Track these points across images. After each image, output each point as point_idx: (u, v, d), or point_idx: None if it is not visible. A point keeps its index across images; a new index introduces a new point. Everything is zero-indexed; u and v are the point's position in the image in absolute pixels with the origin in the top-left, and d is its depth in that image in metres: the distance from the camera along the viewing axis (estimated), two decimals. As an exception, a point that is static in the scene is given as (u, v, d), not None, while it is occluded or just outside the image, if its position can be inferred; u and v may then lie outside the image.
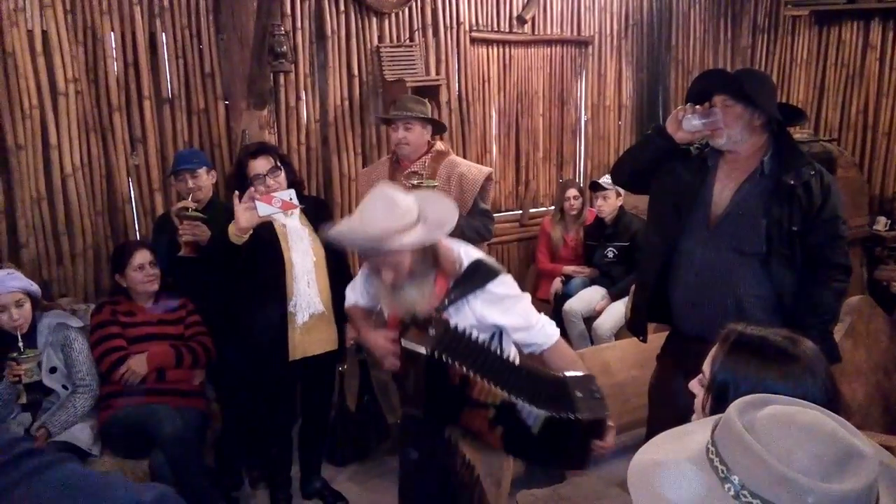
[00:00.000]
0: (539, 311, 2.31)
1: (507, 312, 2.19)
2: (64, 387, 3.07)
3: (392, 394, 2.69)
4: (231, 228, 2.93)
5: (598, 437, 2.03)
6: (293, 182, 3.19)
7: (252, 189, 3.05)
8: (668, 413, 2.44)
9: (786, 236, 2.47)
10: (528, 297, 2.28)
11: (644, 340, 2.96)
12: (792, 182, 2.46)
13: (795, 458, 0.89)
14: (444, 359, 1.97)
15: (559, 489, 2.87)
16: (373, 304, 2.46)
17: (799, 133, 5.07)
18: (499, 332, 2.21)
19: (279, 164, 3.16)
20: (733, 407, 0.98)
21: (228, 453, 3.53)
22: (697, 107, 2.59)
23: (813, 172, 2.48)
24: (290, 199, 2.98)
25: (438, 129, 3.66)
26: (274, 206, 2.93)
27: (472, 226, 3.35)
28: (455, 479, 2.25)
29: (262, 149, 3.22)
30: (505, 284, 2.21)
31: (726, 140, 2.53)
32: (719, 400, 1.34)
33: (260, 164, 3.12)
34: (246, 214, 2.89)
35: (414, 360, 2.03)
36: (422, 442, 2.35)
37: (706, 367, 1.42)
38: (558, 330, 2.29)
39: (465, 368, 1.97)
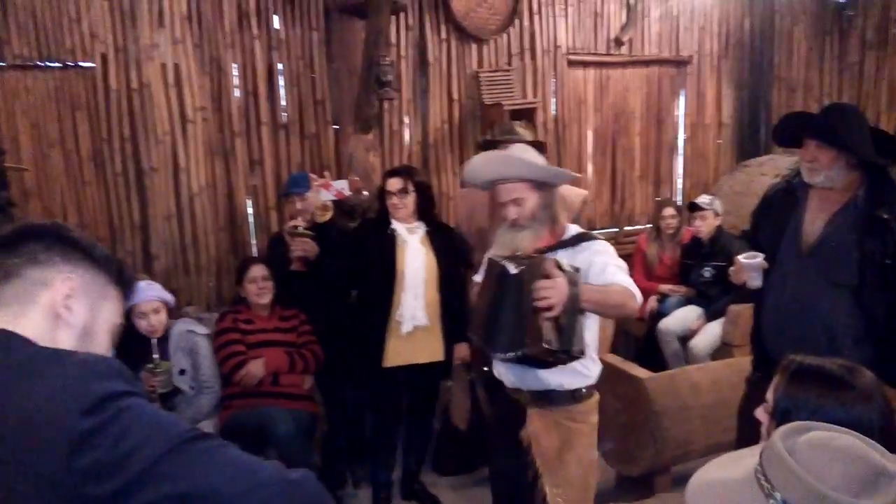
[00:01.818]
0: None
1: (597, 260, 2.31)
2: (190, 387, 3.40)
3: None
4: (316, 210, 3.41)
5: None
6: (425, 207, 3.48)
7: (314, 177, 3.56)
8: (755, 436, 2.50)
9: (878, 268, 2.47)
10: (621, 261, 2.39)
11: None
12: (886, 216, 2.46)
13: (829, 477, 1.01)
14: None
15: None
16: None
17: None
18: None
19: (410, 187, 3.41)
20: (778, 433, 1.10)
21: (333, 453, 3.78)
22: (756, 262, 2.65)
23: None
24: (342, 189, 3.56)
25: (539, 150, 3.79)
26: (330, 192, 3.47)
27: None
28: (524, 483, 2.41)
29: (399, 171, 3.55)
30: (604, 247, 2.40)
31: (823, 179, 2.55)
32: (782, 425, 1.44)
33: (393, 183, 3.42)
34: (317, 196, 3.43)
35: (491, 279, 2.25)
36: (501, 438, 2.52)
37: (769, 394, 1.52)
38: (633, 285, 2.31)
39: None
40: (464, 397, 3.85)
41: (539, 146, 3.78)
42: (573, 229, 2.46)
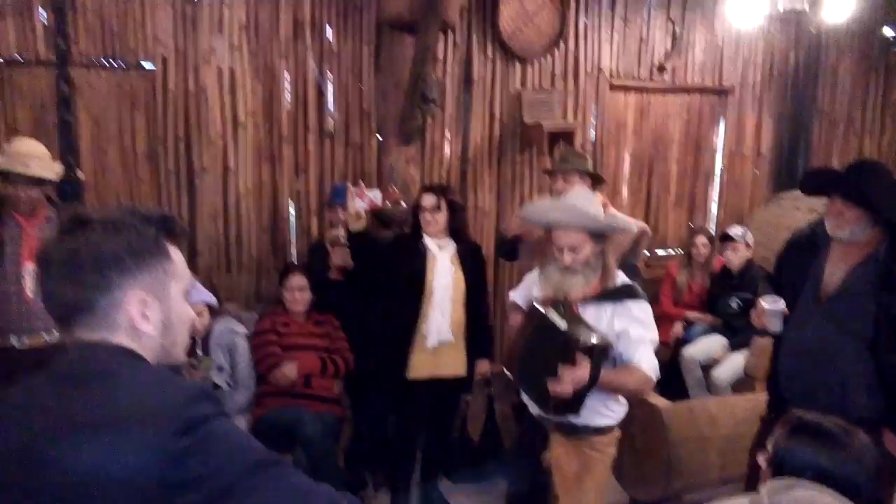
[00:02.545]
0: (658, 354, 2.58)
1: (632, 328, 2.48)
2: (227, 383, 3.57)
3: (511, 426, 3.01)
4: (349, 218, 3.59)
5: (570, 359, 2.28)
6: (456, 225, 3.61)
7: (350, 185, 3.74)
8: (763, 474, 2.59)
9: (893, 322, 2.53)
10: (654, 331, 2.56)
11: None
12: None
13: None
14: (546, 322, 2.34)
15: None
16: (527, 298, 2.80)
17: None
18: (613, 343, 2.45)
19: (443, 204, 3.55)
20: (766, 487, 1.21)
21: (356, 456, 3.93)
22: (777, 308, 2.74)
23: None
24: (375, 198, 3.69)
25: (596, 181, 3.87)
26: (364, 201, 3.61)
27: None
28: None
29: (434, 188, 3.70)
30: (644, 310, 2.54)
31: (848, 234, 2.61)
32: (777, 474, 1.55)
33: (427, 199, 3.57)
34: (352, 204, 3.59)
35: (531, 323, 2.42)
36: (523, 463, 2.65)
37: (769, 443, 1.62)
38: (655, 367, 2.49)
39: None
40: (481, 411, 3.99)
41: (597, 179, 3.86)
42: (620, 278, 2.58)
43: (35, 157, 3.18)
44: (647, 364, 2.47)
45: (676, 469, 3.54)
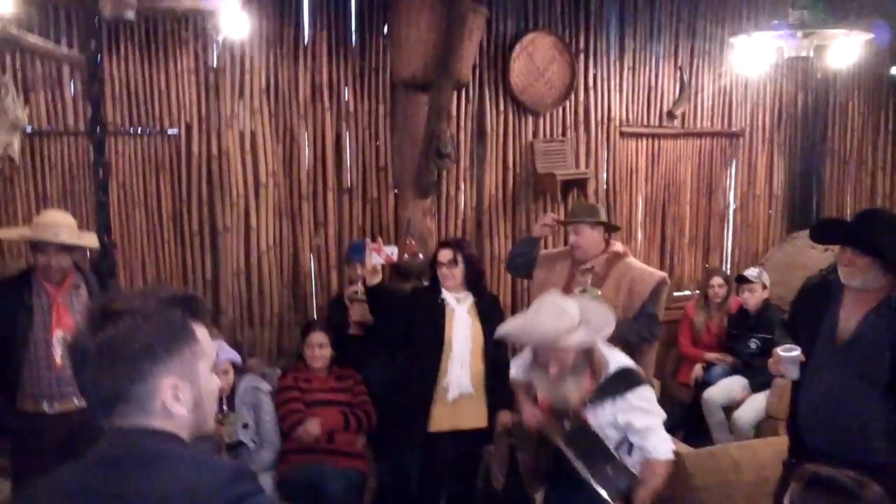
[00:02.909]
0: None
1: (636, 419, 2.51)
2: (252, 441, 3.64)
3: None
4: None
5: None
6: (473, 278, 3.67)
7: (368, 241, 3.85)
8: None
9: None
10: (661, 414, 2.63)
11: None
12: None
13: None
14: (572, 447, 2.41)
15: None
16: (527, 378, 2.86)
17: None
18: (625, 439, 2.51)
19: (458, 259, 3.63)
20: None
21: (381, 509, 3.97)
22: (793, 355, 2.81)
23: None
24: (392, 254, 3.83)
25: (610, 228, 3.87)
26: (381, 257, 3.69)
27: (635, 329, 3.53)
28: None
29: (450, 243, 3.80)
30: (643, 397, 2.59)
31: (860, 282, 2.67)
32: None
33: (444, 254, 3.65)
34: (369, 259, 3.67)
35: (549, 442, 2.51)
36: None
37: (787, 497, 1.67)
38: (671, 450, 2.57)
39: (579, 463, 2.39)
40: (503, 461, 4.00)
41: (611, 227, 3.90)
42: (613, 361, 2.64)
43: (64, 226, 3.31)
44: (663, 450, 2.59)
45: (701, 516, 3.54)
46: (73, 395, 3.31)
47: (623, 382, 2.58)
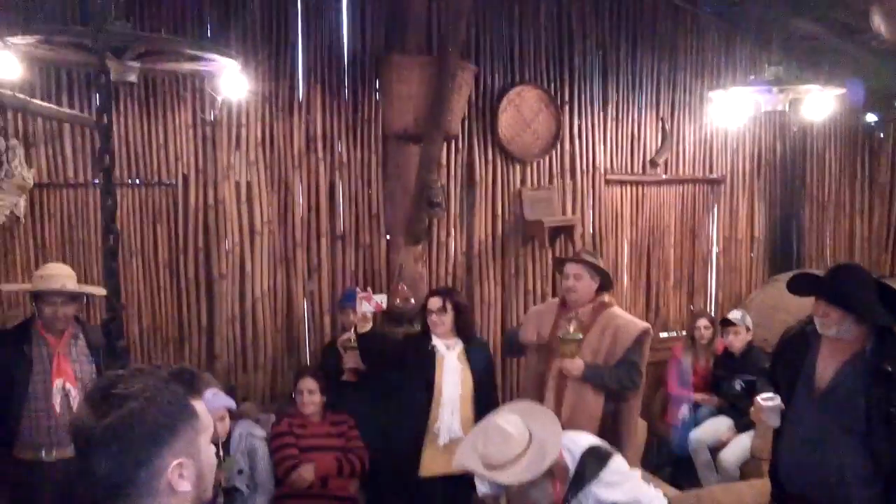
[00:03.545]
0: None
1: (619, 492, 2.61)
2: (247, 486, 3.70)
3: None
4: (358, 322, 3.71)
5: None
6: (462, 325, 3.77)
7: (359, 289, 3.87)
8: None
9: (884, 416, 2.68)
10: (636, 473, 2.71)
11: None
12: (890, 369, 2.68)
13: None
14: None
15: None
16: (498, 495, 2.90)
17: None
18: None
19: (448, 306, 3.73)
20: None
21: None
22: (773, 404, 2.96)
23: None
24: (381, 302, 3.77)
25: (606, 283, 3.87)
26: (371, 305, 3.72)
27: (615, 376, 3.61)
28: None
29: (440, 291, 3.91)
30: (615, 470, 2.64)
31: (835, 332, 2.78)
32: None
33: (433, 302, 3.77)
34: (359, 307, 3.69)
35: None
36: None
37: None
38: (663, 498, 2.65)
39: None
40: None
41: (606, 276, 3.96)
42: (574, 452, 2.67)
43: (68, 277, 3.42)
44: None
45: (688, 559, 3.61)
46: (71, 443, 3.38)
47: (591, 469, 2.62)
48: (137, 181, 4.45)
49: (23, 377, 3.33)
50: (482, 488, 2.98)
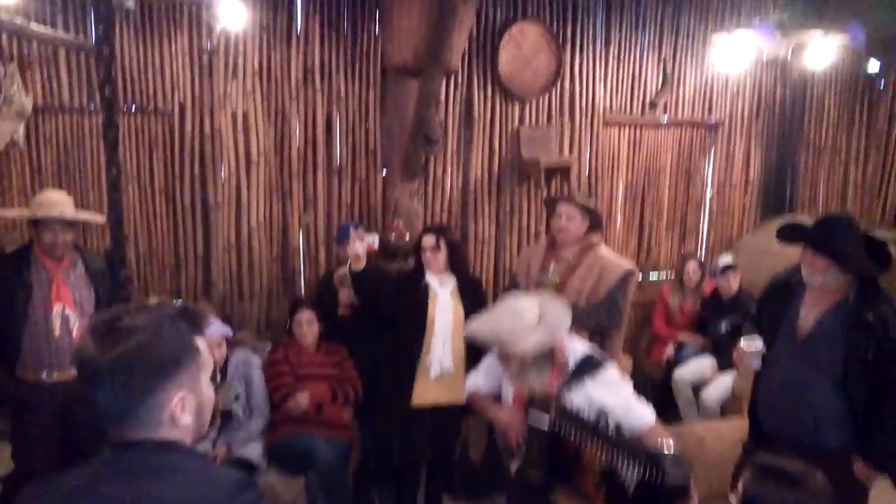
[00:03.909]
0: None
1: (610, 394, 2.70)
2: (243, 411, 3.82)
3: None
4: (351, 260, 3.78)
5: (683, 498, 2.45)
6: (455, 262, 3.81)
7: (353, 227, 3.90)
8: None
9: (861, 363, 2.78)
10: (629, 384, 2.80)
11: None
12: (871, 319, 2.76)
13: None
14: (563, 429, 2.56)
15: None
16: (493, 388, 3.00)
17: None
18: (604, 414, 2.68)
19: (441, 244, 3.77)
20: None
21: (364, 477, 4.17)
22: (754, 349, 3.02)
23: (892, 310, 2.77)
24: (373, 242, 3.86)
25: (595, 224, 3.91)
26: (363, 244, 3.78)
27: (593, 316, 3.67)
28: None
29: (433, 228, 3.92)
30: (607, 378, 2.74)
31: (820, 282, 2.86)
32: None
33: (427, 240, 3.80)
34: (352, 247, 3.72)
35: (537, 435, 2.65)
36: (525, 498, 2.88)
37: (740, 484, 1.87)
38: (654, 413, 2.74)
39: (579, 435, 2.54)
40: (481, 434, 4.22)
41: (597, 218, 4.01)
42: (575, 352, 2.79)
43: (66, 204, 3.44)
44: (648, 416, 2.72)
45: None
46: (71, 366, 3.47)
47: (588, 367, 2.73)
48: (133, 108, 4.42)
49: (22, 301, 3.38)
50: (474, 381, 3.08)
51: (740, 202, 6.18)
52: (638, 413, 2.72)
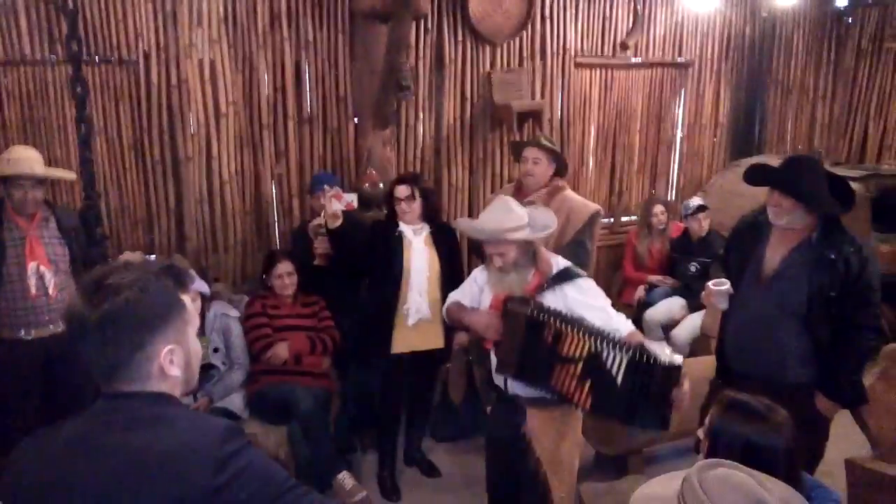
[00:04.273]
0: (623, 313, 2.90)
1: (589, 300, 2.79)
2: (223, 363, 3.85)
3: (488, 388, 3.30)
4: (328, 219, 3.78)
5: (676, 383, 2.55)
6: (429, 211, 3.85)
7: (328, 188, 3.87)
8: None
9: (824, 301, 2.88)
10: (600, 295, 2.87)
11: None
12: (833, 256, 2.85)
13: (724, 503, 1.43)
14: (541, 317, 2.62)
15: (617, 485, 3.42)
16: (473, 303, 3.05)
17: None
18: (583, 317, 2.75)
19: (416, 194, 3.80)
20: (696, 466, 1.53)
21: (345, 424, 4.25)
22: (723, 289, 3.10)
23: (853, 249, 2.86)
24: (352, 201, 3.93)
25: (561, 168, 3.97)
26: (342, 203, 3.79)
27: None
28: (525, 469, 2.86)
29: (406, 178, 3.92)
30: (580, 286, 2.82)
31: (786, 222, 2.93)
32: (713, 445, 1.89)
33: (400, 190, 3.81)
34: (329, 205, 3.75)
35: (513, 324, 2.69)
36: (502, 430, 2.97)
37: (707, 419, 1.95)
38: (625, 321, 2.82)
39: (558, 322, 2.61)
40: (460, 376, 4.30)
41: (559, 159, 4.05)
42: (558, 263, 2.87)
43: (36, 161, 3.38)
44: (626, 327, 2.79)
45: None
46: (49, 323, 3.47)
47: (569, 274, 2.82)
48: (97, 59, 4.31)
49: None
50: (457, 297, 3.13)
51: (710, 143, 6.24)
52: (617, 319, 2.79)
